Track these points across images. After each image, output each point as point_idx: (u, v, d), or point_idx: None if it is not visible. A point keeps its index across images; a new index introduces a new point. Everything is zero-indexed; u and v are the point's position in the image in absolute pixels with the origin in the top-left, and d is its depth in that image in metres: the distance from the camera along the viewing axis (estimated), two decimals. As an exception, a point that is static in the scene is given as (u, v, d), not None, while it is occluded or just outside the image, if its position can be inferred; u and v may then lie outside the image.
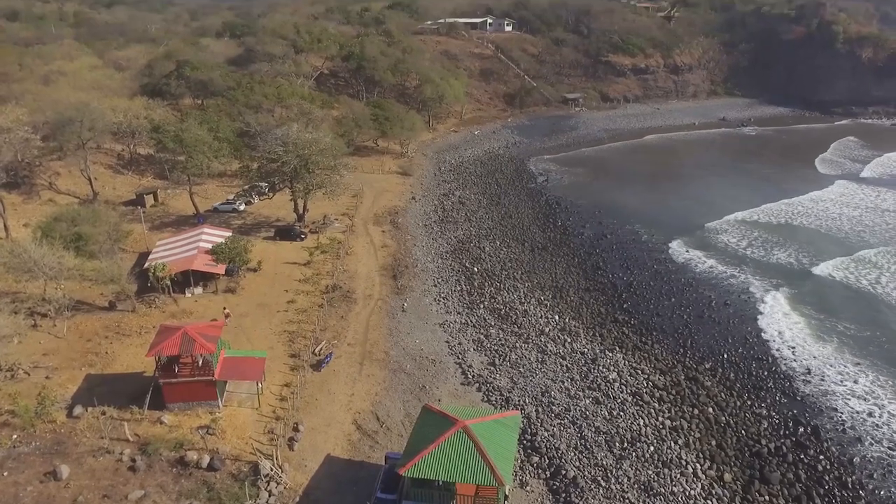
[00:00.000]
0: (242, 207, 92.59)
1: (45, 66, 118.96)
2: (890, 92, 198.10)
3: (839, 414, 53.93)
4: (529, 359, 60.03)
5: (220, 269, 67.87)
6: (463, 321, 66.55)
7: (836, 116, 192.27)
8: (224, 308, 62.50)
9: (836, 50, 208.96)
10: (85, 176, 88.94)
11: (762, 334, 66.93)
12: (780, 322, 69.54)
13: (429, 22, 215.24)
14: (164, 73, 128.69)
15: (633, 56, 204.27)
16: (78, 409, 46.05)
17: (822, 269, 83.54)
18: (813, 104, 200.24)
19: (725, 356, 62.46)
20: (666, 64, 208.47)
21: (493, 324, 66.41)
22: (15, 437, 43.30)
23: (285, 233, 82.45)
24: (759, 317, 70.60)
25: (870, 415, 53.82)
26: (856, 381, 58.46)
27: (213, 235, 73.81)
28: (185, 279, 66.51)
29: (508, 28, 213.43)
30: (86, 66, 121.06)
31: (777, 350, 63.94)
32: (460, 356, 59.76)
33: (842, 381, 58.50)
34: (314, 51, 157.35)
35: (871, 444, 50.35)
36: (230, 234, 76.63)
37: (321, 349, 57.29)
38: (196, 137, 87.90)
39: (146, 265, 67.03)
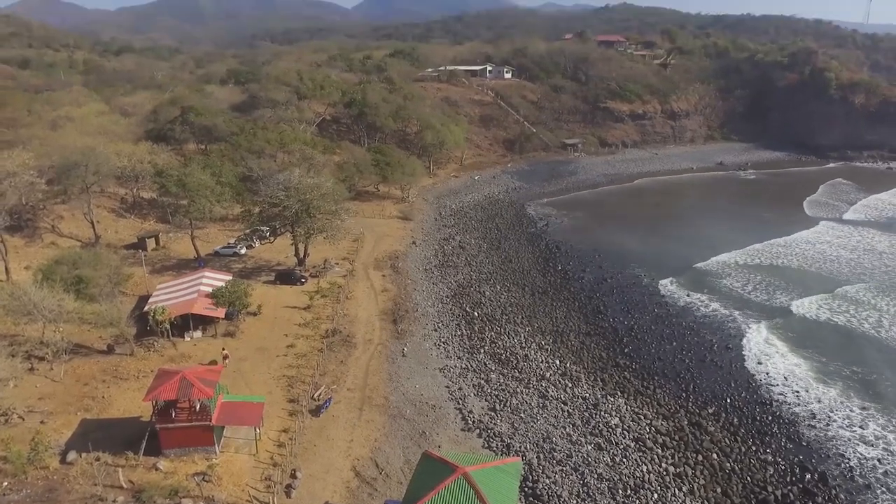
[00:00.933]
0: (243, 251, 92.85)
1: (53, 111, 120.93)
2: (884, 136, 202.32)
3: (847, 460, 53.08)
4: (530, 404, 59.38)
5: (220, 312, 67.65)
6: (463, 366, 66.05)
7: (832, 160, 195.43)
8: (223, 349, 62.19)
9: (829, 96, 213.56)
10: (88, 219, 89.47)
11: (765, 378, 66.38)
12: (783, 365, 69.12)
13: (429, 69, 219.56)
14: (169, 119, 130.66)
15: (631, 102, 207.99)
16: (72, 455, 45.31)
17: (822, 311, 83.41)
18: (809, 149, 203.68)
19: (729, 401, 61.80)
20: (663, 110, 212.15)
21: (493, 369, 65.89)
22: (6, 483, 42.48)
23: (286, 277, 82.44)
24: (762, 360, 70.12)
25: (879, 461, 52.98)
26: (863, 426, 57.69)
27: (213, 279, 73.78)
28: (185, 323, 66.24)
29: (508, 75, 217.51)
30: (93, 111, 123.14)
31: (781, 394, 63.32)
32: (461, 401, 59.11)
33: (849, 426, 57.77)
34: (317, 97, 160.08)
35: (882, 493, 49.42)
36: (231, 277, 76.62)
37: (320, 394, 56.68)
38: (199, 182, 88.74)
39: (146, 308, 66.85)
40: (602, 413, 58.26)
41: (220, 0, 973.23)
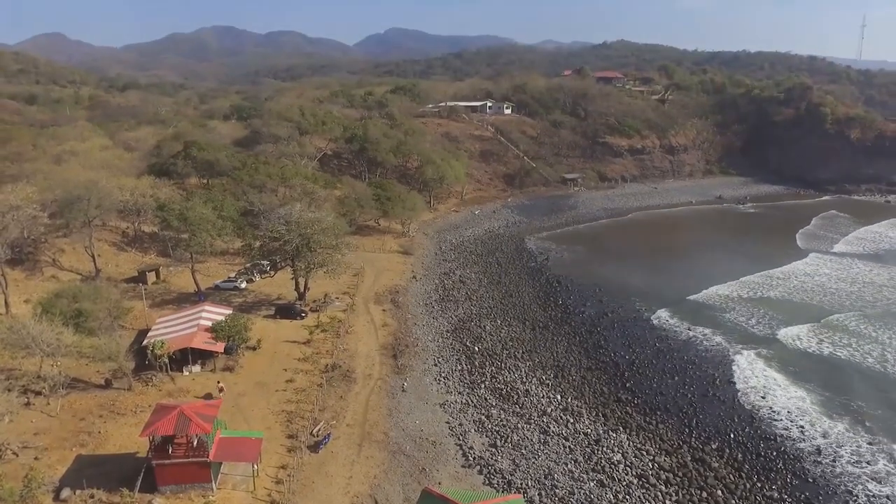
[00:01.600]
0: (244, 285, 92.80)
1: (57, 146, 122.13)
2: (881, 170, 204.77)
3: (856, 497, 52.14)
4: (532, 440, 58.66)
5: (220, 347, 67.31)
6: (464, 401, 65.45)
7: (830, 193, 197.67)
8: (218, 382, 61.83)
9: (825, 130, 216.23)
10: (89, 253, 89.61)
11: (768, 412, 65.66)
12: (785, 398, 68.47)
13: (430, 105, 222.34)
14: (172, 154, 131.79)
15: (630, 137, 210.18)
16: (65, 492, 44.64)
17: (822, 343, 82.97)
18: (807, 182, 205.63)
19: (732, 436, 61.04)
20: (662, 145, 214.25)
21: (494, 404, 65.27)
22: (-1, 521, 41.83)
23: (286, 311, 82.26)
24: (765, 394, 69.46)
25: (889, 498, 51.98)
26: (872, 462, 56.77)
27: (213, 313, 73.57)
28: (184, 357, 65.88)
29: (508, 111, 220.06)
30: (97, 146, 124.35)
31: (785, 429, 62.56)
32: (461, 437, 58.43)
33: (857, 462, 56.88)
34: (318, 133, 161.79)
35: (890, 532, 48.45)
36: (231, 311, 76.42)
37: (319, 430, 56.05)
38: (200, 216, 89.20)
39: (145, 342, 66.59)
40: (604, 449, 57.52)
41: (224, 38, 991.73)
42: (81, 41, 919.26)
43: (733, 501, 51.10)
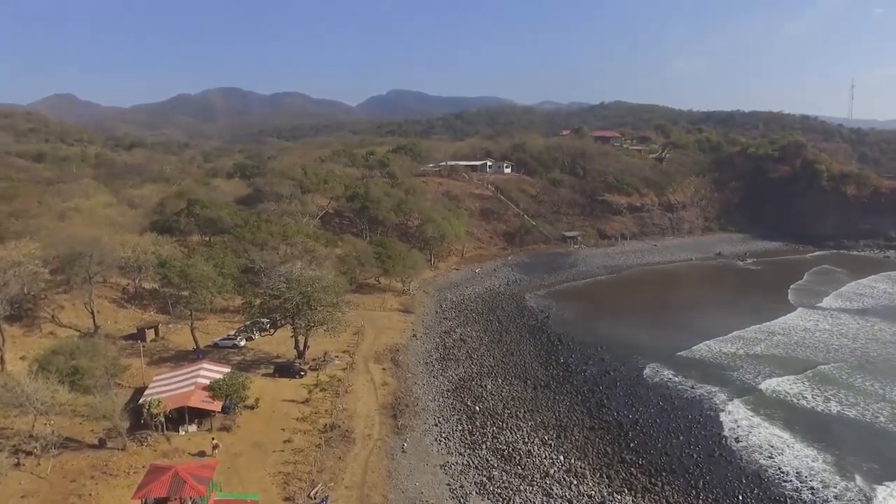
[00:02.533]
0: (243, 343, 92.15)
1: (62, 202, 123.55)
2: (878, 225, 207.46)
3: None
4: (534, 503, 57.10)
5: (217, 406, 66.37)
6: (465, 462, 64.02)
7: (828, 249, 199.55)
8: (213, 439, 60.76)
9: (821, 187, 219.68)
10: (88, 309, 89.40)
11: (777, 472, 64.01)
12: (793, 458, 66.83)
13: (431, 164, 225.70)
14: (175, 211, 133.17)
15: (629, 195, 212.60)
16: (54, 559, 43.23)
17: (832, 403, 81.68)
18: (806, 238, 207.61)
19: (741, 497, 59.36)
20: (660, 202, 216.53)
21: (495, 465, 63.80)
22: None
23: (285, 370, 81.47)
24: (772, 453, 67.94)
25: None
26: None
27: (211, 371, 72.89)
28: (181, 416, 64.87)
29: (507, 170, 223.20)
30: (101, 203, 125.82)
31: (795, 490, 60.84)
32: (462, 500, 56.87)
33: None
34: (320, 191, 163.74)
35: None
36: (229, 370, 75.72)
37: (317, 492, 54.66)
38: (201, 273, 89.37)
39: (141, 401, 65.69)
40: (609, 513, 55.89)
41: (230, 99, 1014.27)
42: (91, 102, 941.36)
43: (744, 569, 49.35)
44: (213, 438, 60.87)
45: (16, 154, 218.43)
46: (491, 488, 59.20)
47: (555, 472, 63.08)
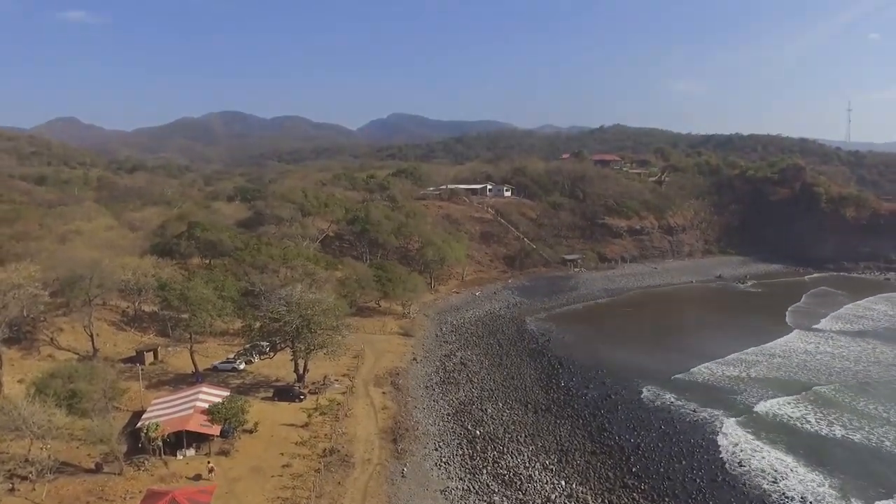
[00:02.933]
0: (242, 367, 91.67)
1: (63, 225, 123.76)
2: (878, 248, 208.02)
3: None
4: (536, 529, 56.34)
5: (215, 429, 65.86)
6: (465, 487, 63.30)
7: (829, 271, 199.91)
8: (209, 462, 60.26)
9: (820, 209, 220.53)
10: (87, 332, 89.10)
11: (782, 498, 63.22)
12: (798, 482, 66.08)
13: (431, 188, 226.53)
14: (176, 234, 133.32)
15: (629, 218, 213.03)
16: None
17: (836, 427, 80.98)
18: (806, 260, 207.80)
19: (745, 526, 58.66)
20: (660, 225, 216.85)
21: (496, 490, 63.08)
22: None
23: (284, 393, 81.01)
24: (776, 478, 67.19)
25: None
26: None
27: (210, 395, 72.42)
28: (179, 440, 64.31)
29: (507, 193, 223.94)
30: (102, 226, 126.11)
31: (800, 518, 60.16)
32: (462, 526, 56.15)
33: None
34: (321, 214, 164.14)
35: None
36: (228, 393, 75.26)
37: (315, 518, 54.02)
38: (201, 296, 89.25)
39: (139, 424, 65.19)
40: (612, 540, 55.11)
41: (231, 122, 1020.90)
42: (94, 125, 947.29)
43: None
44: (208, 461, 60.29)
45: (18, 177, 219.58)
46: (492, 514, 58.47)
47: (556, 497, 62.38)
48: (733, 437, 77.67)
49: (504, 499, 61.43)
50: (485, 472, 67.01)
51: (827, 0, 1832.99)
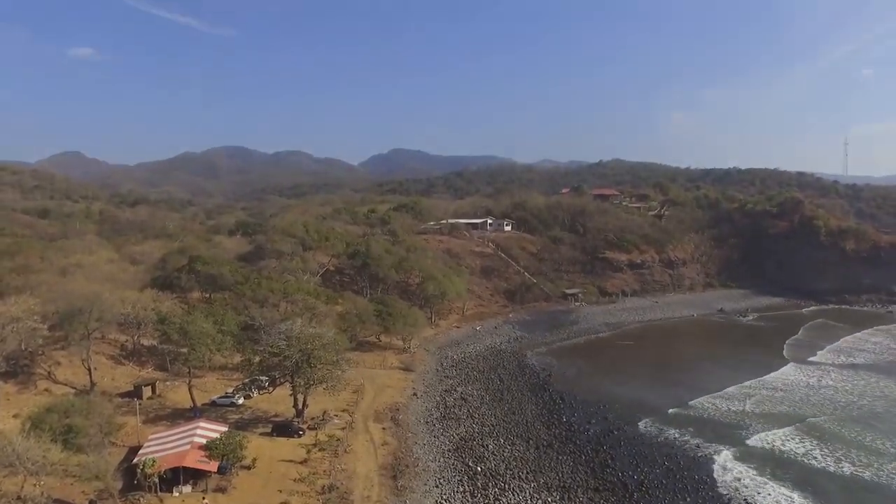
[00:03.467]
0: (241, 401, 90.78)
1: (64, 258, 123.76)
2: (879, 280, 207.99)
3: None
4: (539, 569, 55.10)
5: (213, 466, 64.86)
6: (466, 525, 62.11)
7: (830, 304, 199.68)
8: (205, 499, 59.34)
9: (820, 242, 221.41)
10: (85, 366, 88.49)
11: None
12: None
13: (432, 222, 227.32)
14: (177, 268, 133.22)
15: (629, 252, 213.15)
16: None
17: (845, 464, 79.78)
18: (807, 293, 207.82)
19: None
20: (661, 259, 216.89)
21: (498, 528, 61.88)
22: None
23: (283, 429, 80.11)
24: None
25: None
26: None
27: (208, 430, 71.53)
28: (175, 476, 63.28)
29: (508, 228, 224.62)
30: (103, 259, 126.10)
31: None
32: (463, 566, 54.93)
33: None
34: (321, 248, 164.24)
35: None
36: (226, 428, 74.35)
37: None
38: (200, 330, 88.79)
39: (135, 460, 64.27)
40: (616, 580, 53.84)
41: (234, 157, 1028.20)
42: (98, 159, 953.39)
43: None
44: (204, 498, 59.26)
45: (21, 210, 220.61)
46: (493, 553, 57.25)
47: (559, 536, 61.13)
48: (737, 473, 76.61)
49: (506, 537, 60.20)
50: (486, 509, 65.80)
51: (821, 37, 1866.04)
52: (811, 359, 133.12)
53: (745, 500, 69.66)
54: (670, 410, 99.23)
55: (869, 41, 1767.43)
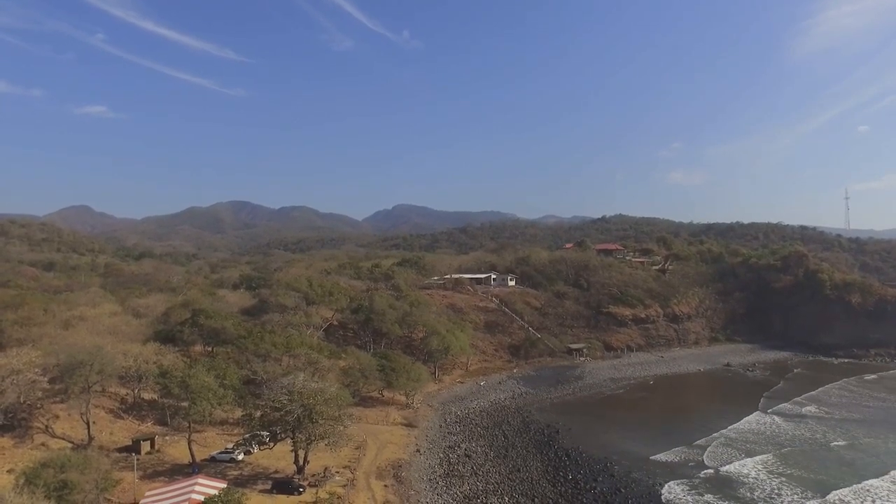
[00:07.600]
0: (241, 457, 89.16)
1: (68, 311, 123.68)
2: (887, 335, 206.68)
3: None
4: None
5: (210, 524, 63.25)
6: (470, 589, 59.99)
7: (839, 357, 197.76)
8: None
9: (825, 296, 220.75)
10: (84, 420, 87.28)
11: None
12: None
13: (435, 277, 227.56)
14: (180, 321, 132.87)
15: (633, 307, 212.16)
16: None
17: None
18: (814, 347, 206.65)
19: None
20: (665, 314, 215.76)
21: (503, 592, 59.75)
22: None
23: (283, 485, 78.41)
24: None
25: None
26: None
27: (206, 487, 69.92)
28: (170, 536, 61.68)
29: (512, 283, 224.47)
30: (106, 312, 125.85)
31: None
32: None
33: None
34: (325, 303, 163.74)
35: None
36: (225, 485, 72.70)
37: None
38: (201, 384, 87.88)
39: (130, 519, 62.73)
40: None
41: (239, 212, 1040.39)
42: (105, 213, 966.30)
43: None
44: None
45: (28, 263, 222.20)
46: None
47: None
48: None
49: None
50: (491, 572, 63.69)
51: (818, 97, 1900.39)
52: (837, 415, 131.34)
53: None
54: (681, 468, 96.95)
55: (865, 100, 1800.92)
